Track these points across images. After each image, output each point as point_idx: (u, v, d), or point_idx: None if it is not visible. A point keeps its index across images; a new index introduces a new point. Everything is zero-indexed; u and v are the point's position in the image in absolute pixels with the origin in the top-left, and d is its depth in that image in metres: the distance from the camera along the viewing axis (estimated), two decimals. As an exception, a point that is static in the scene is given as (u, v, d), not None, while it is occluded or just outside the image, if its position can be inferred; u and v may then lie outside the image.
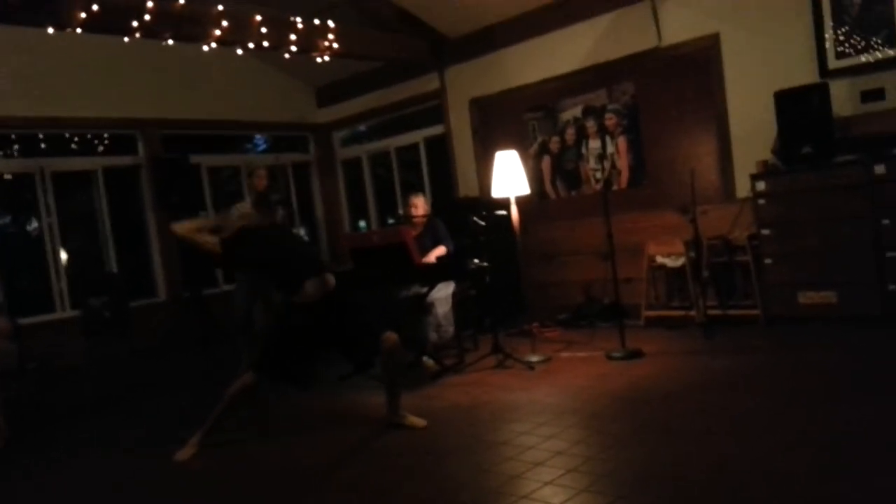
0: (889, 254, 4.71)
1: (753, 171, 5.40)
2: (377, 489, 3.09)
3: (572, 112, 6.86)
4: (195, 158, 7.80)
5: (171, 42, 5.76)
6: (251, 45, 6.13)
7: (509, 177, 5.63)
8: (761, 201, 5.27)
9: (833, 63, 5.28)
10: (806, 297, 5.05)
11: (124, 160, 7.63)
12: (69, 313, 6.91)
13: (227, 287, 7.76)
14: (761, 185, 5.28)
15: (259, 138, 9.34)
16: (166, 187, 7.31)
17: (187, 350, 7.03)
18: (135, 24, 5.37)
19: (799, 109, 5.06)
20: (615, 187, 6.55)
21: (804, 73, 5.31)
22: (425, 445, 3.60)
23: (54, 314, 6.88)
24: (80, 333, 6.71)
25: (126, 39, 5.59)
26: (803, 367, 4.21)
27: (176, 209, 7.32)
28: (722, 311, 5.55)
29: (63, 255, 7.05)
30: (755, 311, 5.38)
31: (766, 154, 5.38)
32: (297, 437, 4.08)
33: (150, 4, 5.42)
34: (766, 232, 5.26)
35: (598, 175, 6.69)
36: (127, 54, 6.65)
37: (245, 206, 5.84)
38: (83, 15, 5.07)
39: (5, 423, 4.47)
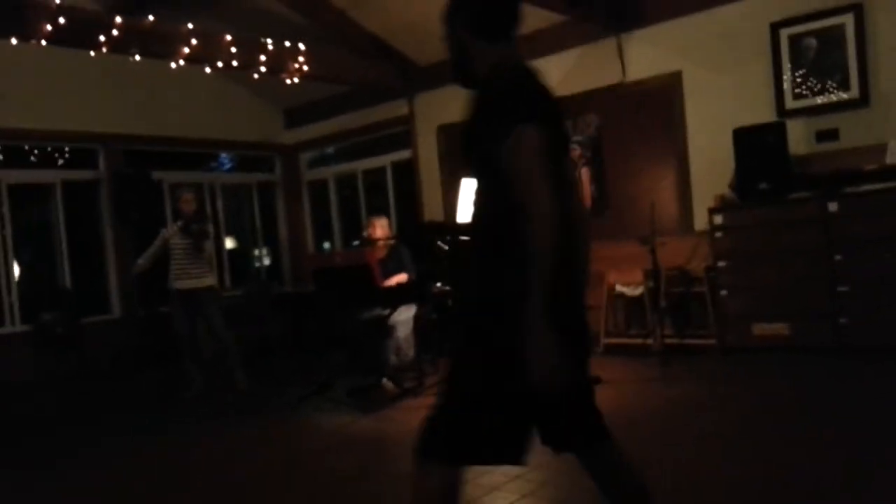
0: (840, 288, 4.84)
1: (711, 204, 5.52)
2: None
3: (538, 142, 6.95)
4: (157, 175, 7.70)
5: (138, 58, 5.72)
6: (220, 64, 6.11)
7: (474, 203, 5.66)
8: (718, 234, 5.39)
9: (790, 103, 5.46)
10: (760, 329, 5.15)
11: (84, 174, 7.50)
12: (20, 328, 6.72)
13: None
14: (718, 219, 5.40)
15: (224, 157, 9.27)
16: (126, 203, 7.20)
17: (141, 368, 6.88)
18: (102, 38, 5.32)
19: (756, 146, 5.21)
20: (578, 217, 6.63)
21: (762, 112, 5.47)
22: (380, 469, 3.56)
23: (3, 328, 6.68)
24: (30, 348, 6.52)
25: (92, 53, 5.53)
26: (755, 396, 4.28)
27: (135, 225, 7.23)
28: (679, 339, 5.64)
29: (16, 269, 6.87)
30: (710, 341, 5.47)
31: (724, 189, 5.51)
32: (245, 453, 4.00)
33: (118, 20, 5.39)
34: (722, 264, 5.37)
35: (562, 204, 6.76)
36: (92, 68, 6.56)
37: (173, 230, 5.77)
38: (49, 27, 5.01)
39: None
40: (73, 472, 4.03)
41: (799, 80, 5.42)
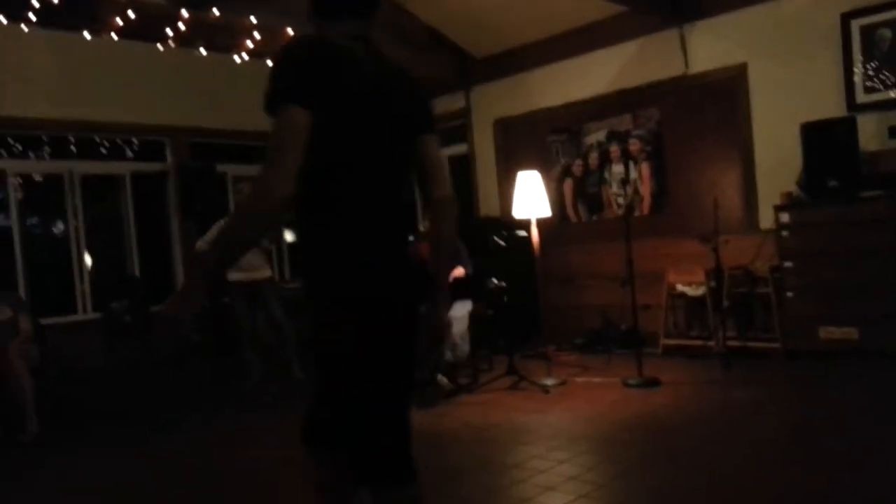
0: (914, 292, 4.64)
1: (777, 202, 5.36)
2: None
3: (596, 136, 6.86)
4: (221, 167, 7.89)
5: (203, 52, 5.86)
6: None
7: (531, 198, 5.63)
8: (785, 233, 5.23)
9: (861, 97, 5.24)
10: (827, 332, 4.98)
11: (152, 166, 7.73)
12: (90, 315, 6.99)
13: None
14: (785, 217, 5.24)
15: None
16: (192, 195, 7.39)
17: (204, 357, 7.08)
18: (169, 32, 5.49)
19: (825, 142, 5.03)
20: (637, 213, 6.53)
21: (832, 107, 5.28)
22: (435, 464, 3.58)
23: (76, 315, 6.96)
24: (100, 335, 6.78)
25: (160, 47, 5.70)
26: (819, 403, 4.15)
27: (199, 216, 7.42)
28: (741, 342, 5.50)
29: (87, 258, 7.14)
30: (775, 344, 5.32)
31: (791, 186, 5.34)
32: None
33: (184, 14, 5.54)
34: (788, 264, 5.20)
35: (621, 200, 6.67)
36: (159, 62, 6.75)
37: None
38: (119, 21, 5.19)
39: (35, 418, 4.58)
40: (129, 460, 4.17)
41: (871, 73, 5.20)
